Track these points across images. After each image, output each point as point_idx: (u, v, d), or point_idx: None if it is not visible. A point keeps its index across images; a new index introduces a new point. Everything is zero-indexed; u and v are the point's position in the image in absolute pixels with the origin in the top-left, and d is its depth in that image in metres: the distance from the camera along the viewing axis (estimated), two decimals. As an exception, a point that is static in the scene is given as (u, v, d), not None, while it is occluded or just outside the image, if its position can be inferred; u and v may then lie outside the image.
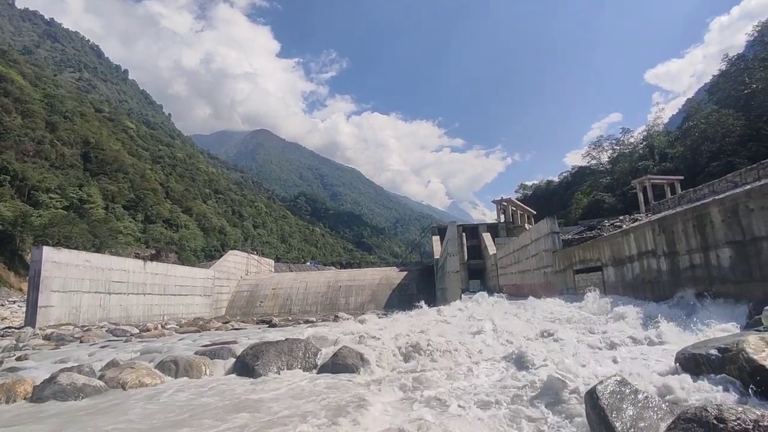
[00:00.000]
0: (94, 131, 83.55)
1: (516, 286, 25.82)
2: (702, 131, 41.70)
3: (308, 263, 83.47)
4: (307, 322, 21.84)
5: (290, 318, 25.97)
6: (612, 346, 6.94)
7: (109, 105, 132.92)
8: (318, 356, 8.01)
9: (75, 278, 20.78)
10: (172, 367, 7.66)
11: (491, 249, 36.15)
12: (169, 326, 20.76)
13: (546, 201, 72.21)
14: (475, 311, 14.13)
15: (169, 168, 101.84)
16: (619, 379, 3.72)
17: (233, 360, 8.06)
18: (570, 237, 20.69)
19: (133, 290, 24.88)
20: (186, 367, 7.63)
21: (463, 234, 42.19)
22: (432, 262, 36.48)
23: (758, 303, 6.06)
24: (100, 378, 6.88)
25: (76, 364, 7.77)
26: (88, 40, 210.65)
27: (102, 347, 12.65)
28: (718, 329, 6.18)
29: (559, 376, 5.02)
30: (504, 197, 46.83)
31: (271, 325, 21.61)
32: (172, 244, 67.47)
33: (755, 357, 3.64)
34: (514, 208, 45.45)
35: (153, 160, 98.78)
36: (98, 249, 41.96)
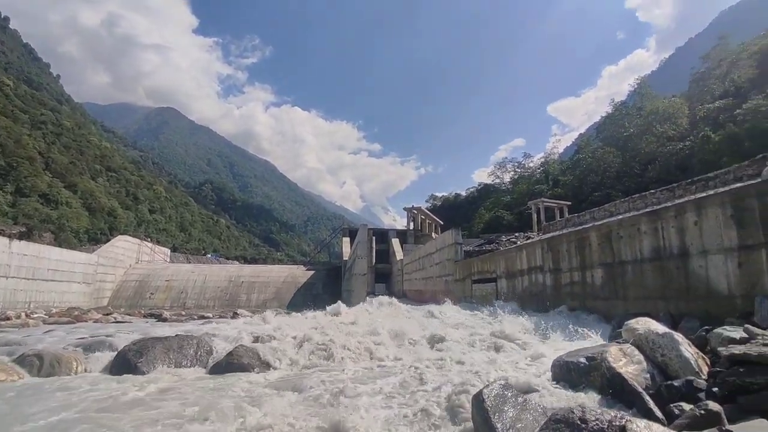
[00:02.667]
0: (-44, 82, 70.61)
1: (419, 291, 26.82)
2: (588, 164, 47.19)
3: (209, 255, 78.48)
4: (202, 317, 20.57)
5: (184, 313, 24.21)
6: (498, 351, 7.52)
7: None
8: (212, 354, 7.59)
9: None
10: (35, 362, 6.74)
11: (399, 254, 37.16)
12: (35, 315, 18.23)
13: (453, 213, 76.09)
14: (379, 314, 14.39)
15: (53, 136, 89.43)
16: (503, 383, 4.03)
17: (113, 356, 7.31)
18: (471, 249, 22.02)
19: (-9, 272, 21.44)
20: (53, 363, 6.75)
21: (373, 238, 42.84)
22: (340, 263, 36.51)
23: (621, 318, 6.95)
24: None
25: None
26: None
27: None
28: (588, 340, 6.97)
29: (451, 380, 5.31)
30: (415, 206, 48.44)
31: (161, 319, 20.02)
32: (49, 222, 59.16)
33: (614, 365, 4.18)
34: (423, 217, 47.24)
35: (32, 125, 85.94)
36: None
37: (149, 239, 46.92)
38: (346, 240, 38.84)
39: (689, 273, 6.96)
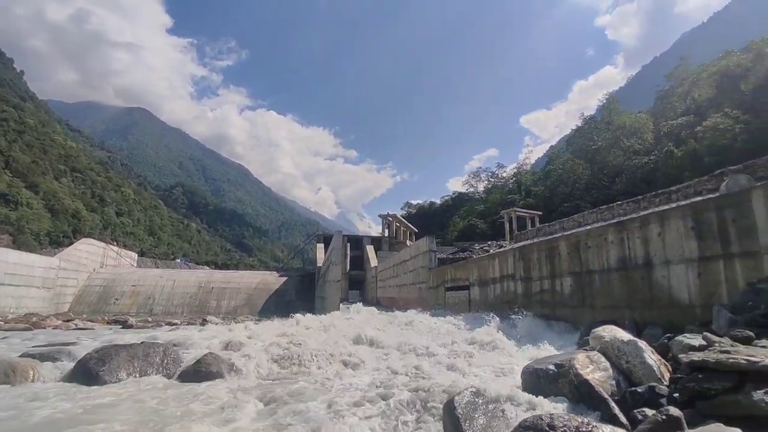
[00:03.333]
0: None
1: (392, 299, 26.82)
2: (559, 175, 48.48)
3: (179, 260, 76.41)
4: (170, 324, 19.98)
5: (150, 319, 23.45)
6: (470, 358, 7.58)
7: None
8: (179, 362, 7.36)
9: None
10: (-14, 370, 6.38)
11: (373, 261, 37.12)
12: (-12, 322, 17.29)
13: (427, 220, 76.61)
14: (353, 321, 14.31)
15: (14, 134, 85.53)
16: (474, 390, 4.08)
17: (73, 364, 7.00)
18: (445, 256, 22.21)
19: (-59, 276, 20.22)
20: (6, 371, 6.41)
21: (348, 244, 42.69)
22: (314, 270, 36.15)
23: (589, 325, 7.13)
24: None
25: None
26: None
27: None
28: (558, 347, 7.11)
29: (422, 388, 5.32)
30: (390, 213, 48.54)
31: (126, 326, 19.35)
32: (7, 224, 56.46)
33: (582, 372, 4.28)
34: (398, 224, 47.40)
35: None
36: None
37: (115, 243, 45.30)
38: (321, 246, 38.56)
39: (653, 282, 7.22)
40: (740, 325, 4.70)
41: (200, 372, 6.83)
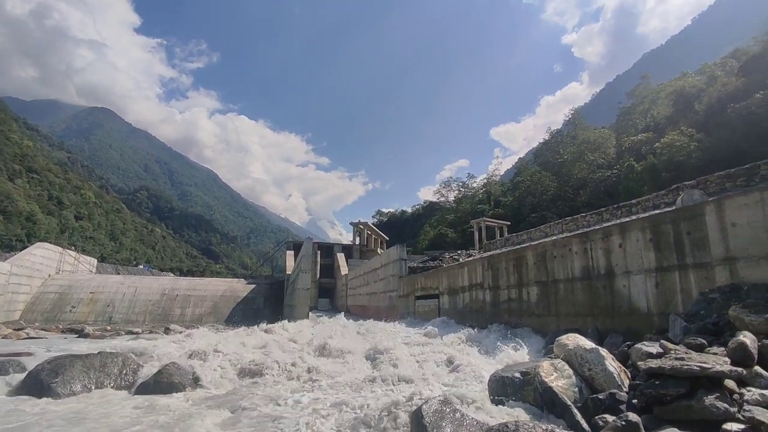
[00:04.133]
0: None
1: (363, 307, 26.70)
2: (527, 187, 49.76)
3: (141, 266, 73.65)
4: (130, 333, 19.21)
5: (109, 328, 22.45)
6: (437, 366, 7.61)
7: None
8: (139, 373, 7.08)
9: None
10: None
11: (344, 269, 36.91)
12: (-71, 331, 16.16)
13: (399, 229, 77.02)
14: (323, 330, 14.14)
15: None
16: (442, 399, 4.09)
17: (23, 376, 6.61)
18: (416, 265, 22.32)
19: None
20: (-52, 385, 5.99)
21: (318, 252, 42.33)
22: (283, 278, 35.61)
23: (554, 333, 7.31)
24: None
25: None
26: None
27: None
28: (523, 355, 7.24)
29: (390, 396, 5.29)
30: (361, 221, 48.49)
31: (83, 335, 18.48)
32: (-47, 226, 53.20)
33: (546, 380, 4.37)
34: (369, 232, 47.37)
35: (-60, 117, 77.61)
36: None
37: (73, 248, 43.26)
38: (290, 254, 38.05)
39: (614, 292, 7.48)
40: (694, 333, 4.92)
41: (161, 383, 6.58)
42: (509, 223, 35.71)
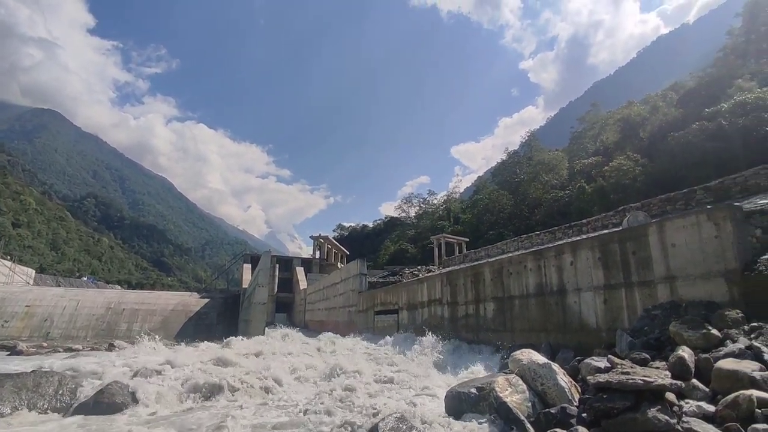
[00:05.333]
0: None
1: (321, 322, 26.27)
2: (485, 204, 51.18)
3: (85, 279, 69.16)
4: (70, 350, 17.97)
5: (46, 344, 20.86)
6: (394, 383, 7.58)
7: None
8: (77, 393, 6.61)
9: None
10: None
11: (302, 283, 36.27)
12: None
13: (359, 243, 76.80)
14: (277, 347, 13.77)
15: None
16: (398, 416, 4.07)
17: (-58, 399, 6.01)
18: (376, 280, 22.28)
19: None
20: None
21: (277, 265, 41.44)
22: (239, 291, 34.53)
23: (509, 349, 7.47)
24: None
25: None
26: None
27: None
28: (480, 370, 7.34)
29: (346, 415, 5.21)
30: (322, 234, 48.01)
31: (15, 352, 17.12)
32: None
33: (501, 395, 4.45)
34: (329, 246, 46.93)
35: None
36: None
37: (9, 257, 40.20)
38: (247, 267, 37.01)
39: (566, 308, 7.76)
40: (638, 347, 5.18)
41: (102, 404, 6.17)
42: (468, 239, 36.48)
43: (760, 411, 3.21)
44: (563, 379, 4.71)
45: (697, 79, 37.68)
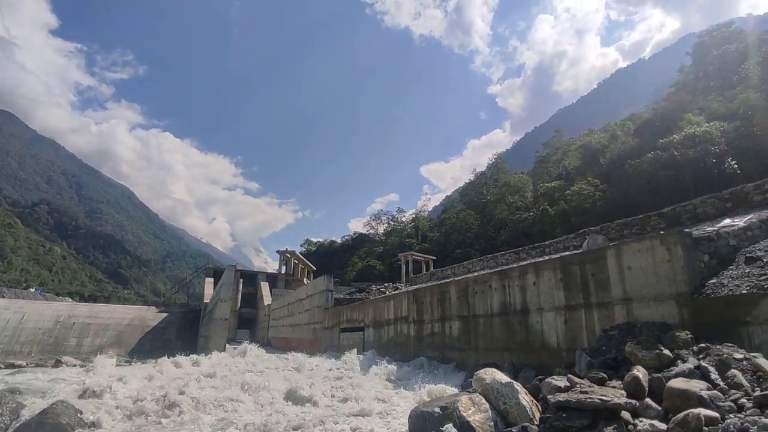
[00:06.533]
0: None
1: (285, 339, 25.68)
2: (453, 224, 52.01)
3: (33, 290, 65.07)
4: (12, 366, 16.79)
5: (-17, 361, 19.44)
6: (357, 402, 7.46)
7: None
8: (19, 413, 6.17)
9: None
10: None
11: (267, 299, 35.46)
12: None
13: (327, 259, 76.02)
14: (239, 364, 13.35)
15: None
16: (363, 436, 4.01)
17: None
18: (342, 296, 22.06)
19: None
20: None
21: (241, 280, 40.41)
22: (200, 306, 33.38)
23: (473, 368, 7.52)
24: None
25: None
26: None
27: None
28: (445, 389, 7.34)
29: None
30: (289, 249, 47.32)
31: (-52, 369, 15.83)
32: None
33: (464, 414, 4.48)
34: (296, 261, 46.25)
35: None
36: None
37: (-53, 266, 37.43)
38: (210, 281, 35.88)
39: (528, 327, 7.93)
40: (596, 367, 5.34)
41: (45, 425, 5.77)
42: (435, 257, 36.84)
43: (707, 429, 3.36)
44: (525, 398, 4.78)
45: (652, 111, 40.11)
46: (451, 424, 4.41)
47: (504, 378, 5.19)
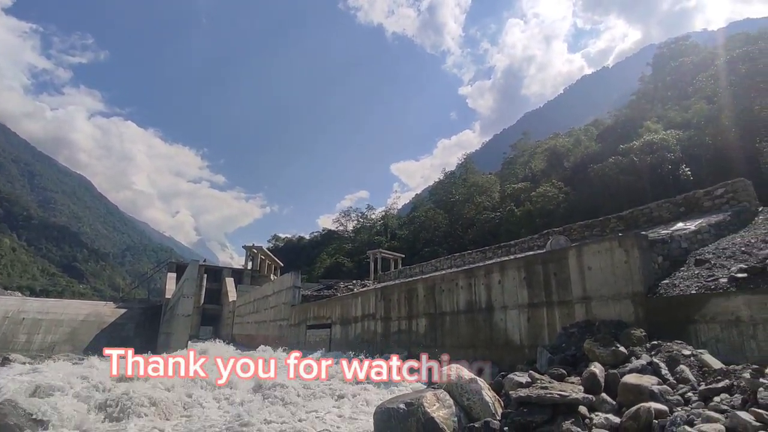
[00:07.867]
0: None
1: (250, 336, 25.25)
2: (422, 222, 52.52)
3: (-23, 284, 61.33)
4: (-49, 365, 15.68)
5: None
6: (322, 400, 7.44)
7: None
8: (-40, 416, 5.78)
9: None
10: None
11: (232, 295, 34.74)
12: None
13: (295, 255, 75.12)
14: (201, 361, 12.99)
15: None
16: (328, 433, 4.00)
17: None
18: (310, 293, 21.88)
19: None
20: None
21: (205, 275, 39.41)
22: (161, 302, 32.32)
23: (439, 365, 7.62)
24: None
25: None
26: None
27: None
28: (411, 386, 7.42)
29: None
30: (255, 244, 46.43)
31: None
32: None
33: (429, 410, 4.53)
34: (263, 257, 45.47)
35: None
36: None
37: None
38: (172, 276, 34.78)
39: (493, 325, 8.11)
40: (557, 363, 5.52)
41: (-9, 426, 5.46)
42: (404, 255, 37.03)
43: (656, 422, 3.54)
44: (488, 394, 4.89)
45: (614, 118, 41.77)
46: (415, 420, 4.46)
47: (468, 374, 5.29)
